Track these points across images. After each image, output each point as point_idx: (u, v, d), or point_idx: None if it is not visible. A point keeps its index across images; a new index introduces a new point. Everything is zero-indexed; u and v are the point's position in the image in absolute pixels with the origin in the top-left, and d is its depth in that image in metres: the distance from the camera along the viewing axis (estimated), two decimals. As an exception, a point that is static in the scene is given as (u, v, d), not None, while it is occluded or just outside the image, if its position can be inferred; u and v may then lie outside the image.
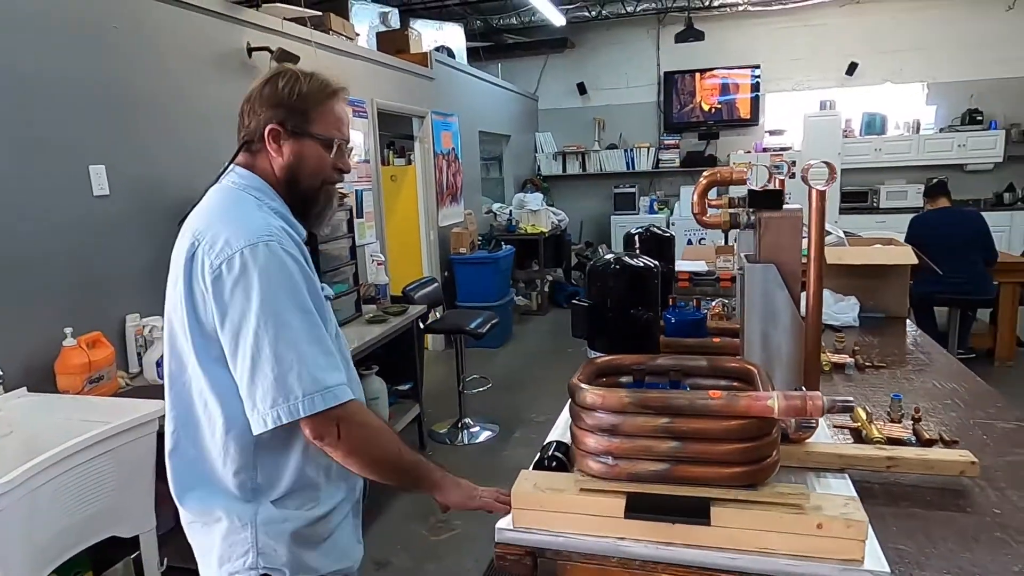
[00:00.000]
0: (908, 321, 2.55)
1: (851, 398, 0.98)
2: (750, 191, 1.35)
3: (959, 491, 1.24)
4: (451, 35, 6.81)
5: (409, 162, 5.60)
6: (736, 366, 1.22)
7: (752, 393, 1.00)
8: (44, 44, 2.24)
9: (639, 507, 1.05)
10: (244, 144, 1.25)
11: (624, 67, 8.63)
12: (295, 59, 3.22)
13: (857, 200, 7.75)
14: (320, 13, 3.90)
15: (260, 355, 1.05)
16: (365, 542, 1.38)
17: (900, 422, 1.53)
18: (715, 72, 8.20)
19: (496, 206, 7.26)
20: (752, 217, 1.37)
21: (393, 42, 5.70)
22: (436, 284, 3.98)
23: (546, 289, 7.33)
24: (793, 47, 7.97)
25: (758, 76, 8.06)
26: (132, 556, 1.90)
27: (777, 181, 1.31)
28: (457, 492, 1.22)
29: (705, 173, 1.39)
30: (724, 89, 8.23)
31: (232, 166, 1.25)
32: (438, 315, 4.13)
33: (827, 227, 2.91)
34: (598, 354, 1.35)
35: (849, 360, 1.97)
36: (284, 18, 3.58)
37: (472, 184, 6.67)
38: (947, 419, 1.58)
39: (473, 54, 7.88)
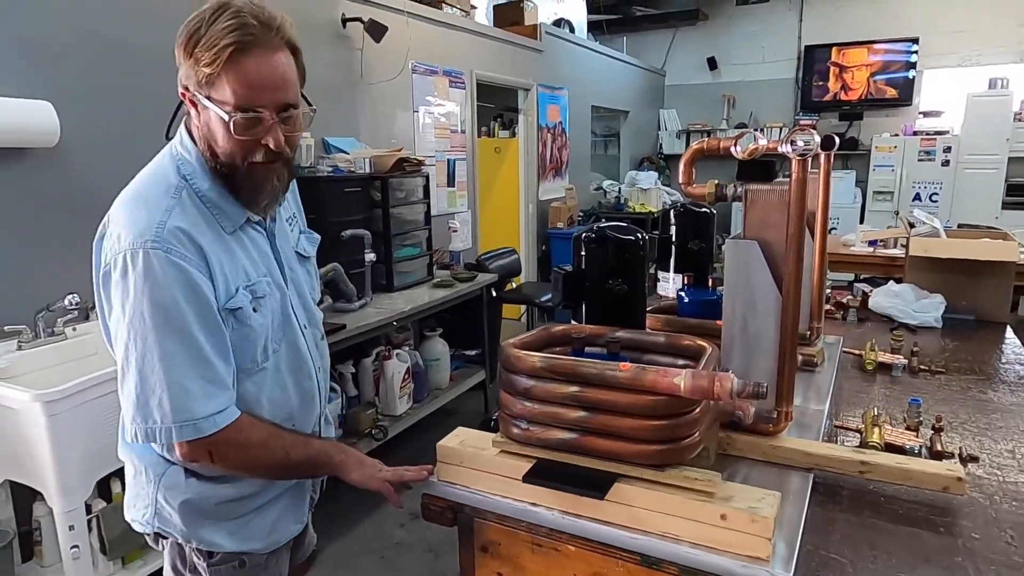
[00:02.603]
0: (1009, 330, 2.23)
1: (764, 382, 0.89)
2: (739, 161, 1.25)
3: (945, 509, 1.10)
4: (572, 7, 6.71)
5: (514, 134, 5.64)
6: (689, 344, 1.15)
7: (661, 369, 0.95)
8: (147, 14, 2.51)
9: (551, 475, 1.04)
10: (180, 104, 1.06)
11: (761, 40, 8.07)
12: (384, 29, 3.36)
13: (1026, 194, 6.74)
14: (422, -14, 4.02)
15: (128, 368, 0.99)
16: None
17: (917, 430, 1.36)
18: (864, 46, 7.44)
19: (607, 183, 7.13)
20: (740, 190, 1.27)
21: (508, 15, 5.74)
22: (515, 256, 4.02)
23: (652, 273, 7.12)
24: (960, 16, 7.02)
25: (915, 50, 7.21)
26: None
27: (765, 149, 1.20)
28: (359, 471, 1.16)
29: (694, 144, 1.30)
30: (873, 65, 7.45)
31: (181, 126, 1.09)
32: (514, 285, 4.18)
33: (920, 215, 2.61)
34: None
35: (900, 361, 1.77)
36: (386, -10, 3.72)
37: (580, 159, 6.60)
38: (993, 439, 1.38)
39: (597, 27, 7.73)
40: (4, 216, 2.18)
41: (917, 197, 6.81)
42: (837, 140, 1.68)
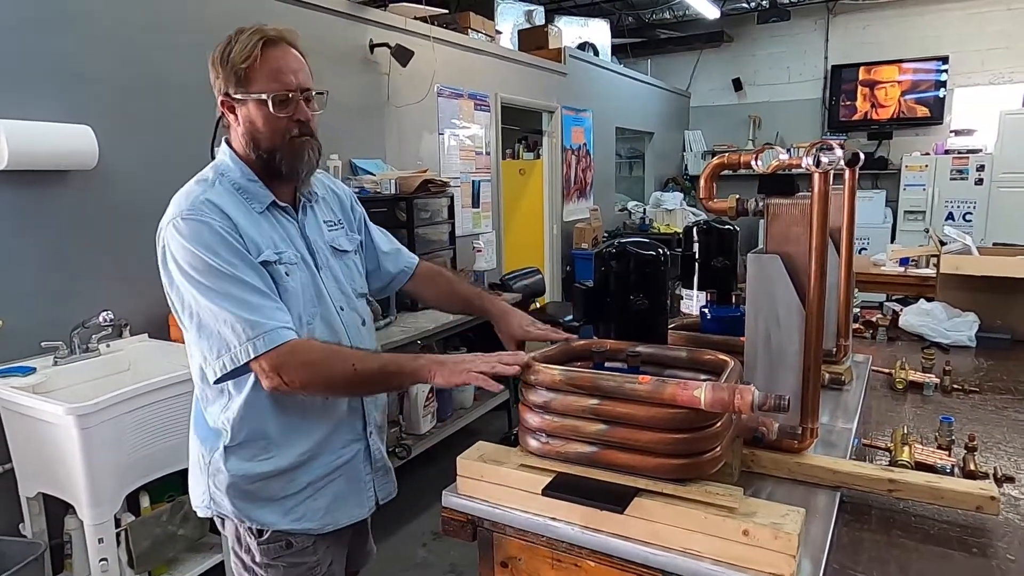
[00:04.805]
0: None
1: (786, 394, 0.88)
2: (760, 176, 1.25)
3: (979, 529, 1.06)
4: (596, 31, 6.79)
5: (538, 156, 5.69)
6: (711, 359, 1.14)
7: (680, 381, 0.94)
8: (183, 45, 2.60)
9: (570, 488, 1.03)
10: (218, 120, 1.26)
11: (786, 61, 8.05)
12: (410, 54, 3.43)
13: (1061, 215, 6.55)
14: (446, 11, 4.10)
15: (192, 320, 1.14)
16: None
17: (948, 449, 1.33)
18: (892, 65, 7.37)
19: (632, 204, 7.13)
20: (761, 204, 1.27)
21: (533, 39, 5.83)
22: (539, 276, 4.03)
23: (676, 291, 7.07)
24: (992, 34, 6.93)
25: (944, 69, 7.12)
26: (208, 487, 2.16)
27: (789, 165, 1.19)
28: (441, 373, 1.11)
29: (714, 158, 1.30)
30: (903, 84, 7.37)
31: (222, 143, 1.28)
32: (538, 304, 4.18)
33: (950, 231, 2.56)
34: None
35: (931, 380, 1.73)
36: (414, 16, 3.81)
37: (604, 180, 6.62)
38: None
39: (621, 50, 7.79)
40: (44, 235, 2.26)
41: (950, 216, 6.67)
42: (862, 156, 1.67)
